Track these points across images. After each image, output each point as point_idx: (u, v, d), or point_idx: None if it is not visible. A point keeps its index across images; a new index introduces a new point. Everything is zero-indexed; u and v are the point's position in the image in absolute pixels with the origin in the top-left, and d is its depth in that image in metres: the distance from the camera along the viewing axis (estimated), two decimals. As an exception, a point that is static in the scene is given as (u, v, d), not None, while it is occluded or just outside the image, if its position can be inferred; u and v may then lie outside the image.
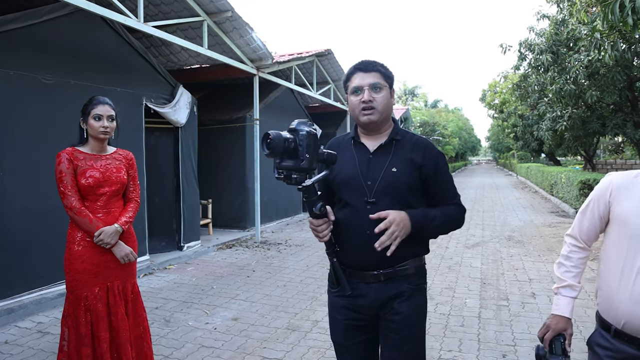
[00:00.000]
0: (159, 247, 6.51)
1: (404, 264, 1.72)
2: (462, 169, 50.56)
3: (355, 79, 1.73)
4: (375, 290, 1.72)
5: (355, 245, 1.70)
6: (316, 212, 1.59)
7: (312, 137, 1.49)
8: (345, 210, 1.75)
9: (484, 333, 3.69)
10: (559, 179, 13.18)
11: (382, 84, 1.72)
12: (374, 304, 1.72)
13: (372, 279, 1.71)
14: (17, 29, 4.26)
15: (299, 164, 1.48)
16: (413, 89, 51.42)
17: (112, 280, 2.50)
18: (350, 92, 1.76)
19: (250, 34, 6.66)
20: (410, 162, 1.71)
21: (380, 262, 1.68)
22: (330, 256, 1.71)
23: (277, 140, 1.42)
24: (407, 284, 1.72)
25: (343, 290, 1.71)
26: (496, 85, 25.36)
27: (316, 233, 1.66)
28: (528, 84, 14.31)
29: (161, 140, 6.53)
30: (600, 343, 1.53)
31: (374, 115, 1.71)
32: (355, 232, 1.70)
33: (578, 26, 8.86)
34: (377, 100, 1.70)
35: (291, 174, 1.49)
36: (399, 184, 1.69)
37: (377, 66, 1.75)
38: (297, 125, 1.51)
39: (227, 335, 3.71)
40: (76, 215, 2.40)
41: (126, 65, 5.55)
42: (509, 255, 6.53)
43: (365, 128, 1.77)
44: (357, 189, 1.72)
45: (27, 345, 3.51)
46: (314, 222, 1.65)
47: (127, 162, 2.66)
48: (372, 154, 1.76)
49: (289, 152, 1.46)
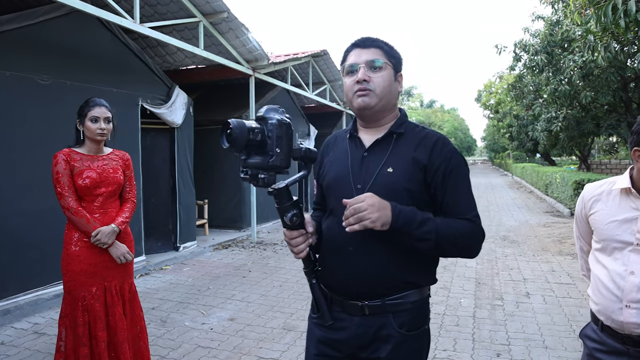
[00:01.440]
0: (155, 248, 6.51)
1: (398, 297, 1.35)
2: (458, 169, 50.56)
3: (351, 57, 1.42)
4: (357, 326, 1.37)
5: (338, 265, 1.38)
6: (287, 222, 1.31)
7: (284, 127, 1.21)
8: (329, 220, 1.45)
9: (478, 332, 3.72)
10: (554, 179, 13.26)
11: (383, 62, 1.39)
12: (352, 341, 1.38)
13: (355, 311, 1.37)
14: (13, 30, 4.26)
15: (268, 160, 1.20)
16: (409, 89, 51.61)
17: (109, 280, 2.52)
18: (345, 72, 1.43)
19: (246, 34, 6.68)
20: (412, 161, 1.36)
21: (365, 290, 1.35)
22: (308, 276, 1.41)
23: (240, 130, 1.14)
24: (397, 325, 1.35)
25: (323, 320, 1.42)
26: (491, 85, 25.50)
27: (291, 248, 1.37)
28: (523, 85, 14.41)
29: (157, 141, 6.54)
30: (590, 336, 1.64)
31: (370, 98, 1.37)
32: (336, 248, 1.38)
33: (572, 27, 8.94)
34: (375, 80, 1.37)
35: (258, 174, 1.20)
36: (395, 188, 1.34)
37: (378, 42, 1.43)
38: (266, 112, 1.23)
39: (223, 335, 3.73)
40: (73, 215, 2.41)
41: (122, 66, 5.55)
42: (504, 255, 6.58)
43: (361, 116, 1.45)
44: (344, 193, 1.36)
45: (24, 346, 3.51)
46: (287, 234, 1.35)
47: (123, 162, 2.68)
48: (366, 151, 1.42)
49: (256, 146, 1.19)
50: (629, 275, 1.48)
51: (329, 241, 1.43)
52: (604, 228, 1.57)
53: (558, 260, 6.10)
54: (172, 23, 5.80)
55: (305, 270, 1.41)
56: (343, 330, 1.40)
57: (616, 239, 1.53)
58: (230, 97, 9.28)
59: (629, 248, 1.50)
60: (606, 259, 1.57)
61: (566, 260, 6.12)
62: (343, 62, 1.47)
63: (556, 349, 3.36)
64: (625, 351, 1.49)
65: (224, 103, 9.15)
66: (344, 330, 1.39)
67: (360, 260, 1.35)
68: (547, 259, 6.20)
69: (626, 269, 1.49)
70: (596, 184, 1.67)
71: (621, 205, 1.54)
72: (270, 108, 1.24)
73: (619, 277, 1.50)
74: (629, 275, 1.48)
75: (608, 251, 1.56)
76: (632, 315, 1.45)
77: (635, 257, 1.48)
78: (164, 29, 6.11)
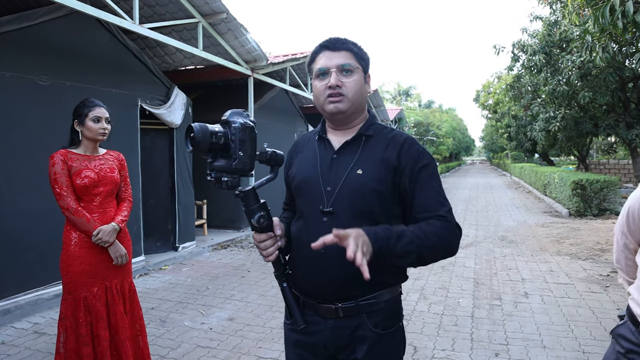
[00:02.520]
0: (154, 248, 6.52)
1: (371, 297, 1.35)
2: (456, 169, 50.79)
3: (321, 59, 1.39)
4: (332, 329, 1.36)
5: (309, 268, 1.37)
6: (254, 223, 1.30)
7: (247, 130, 1.22)
8: (299, 223, 1.44)
9: (476, 332, 3.74)
10: (552, 179, 13.29)
11: (354, 66, 1.38)
12: (329, 344, 1.37)
13: (329, 314, 1.36)
14: (13, 31, 4.27)
15: (231, 163, 1.22)
16: (407, 89, 51.63)
17: (110, 280, 2.53)
18: (314, 76, 1.40)
19: (245, 35, 6.69)
20: (382, 162, 1.35)
21: (337, 293, 1.34)
22: (278, 280, 1.40)
23: (203, 134, 1.17)
24: (372, 325, 1.35)
25: (295, 324, 1.40)
26: (490, 85, 25.52)
27: (260, 251, 1.35)
28: (521, 85, 14.44)
29: (156, 141, 6.55)
30: (626, 336, 1.56)
31: (343, 104, 1.36)
32: (307, 251, 1.31)
33: (571, 27, 8.97)
34: (347, 85, 1.36)
35: (221, 176, 1.23)
36: (364, 190, 1.33)
37: (347, 44, 1.40)
38: (230, 116, 1.24)
39: (222, 335, 3.74)
40: (73, 215, 2.42)
41: (121, 67, 5.56)
42: (502, 255, 6.60)
43: (332, 120, 1.43)
44: (313, 195, 1.38)
45: (24, 345, 3.52)
46: (255, 237, 1.34)
47: (118, 162, 2.70)
48: (335, 153, 1.41)
49: (220, 150, 1.22)
50: None
51: (299, 244, 1.40)
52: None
53: (556, 261, 6.12)
54: (171, 24, 5.81)
55: (276, 274, 1.40)
56: (317, 333, 1.39)
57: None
58: (229, 97, 9.30)
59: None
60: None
61: (564, 260, 6.15)
62: (311, 63, 1.43)
63: (554, 349, 3.38)
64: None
65: (222, 103, 9.16)
66: (318, 334, 1.38)
67: (332, 263, 1.32)
68: (546, 259, 6.22)
69: None
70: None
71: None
72: (234, 112, 1.26)
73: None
74: None
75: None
76: None
77: None
78: (163, 30, 6.11)
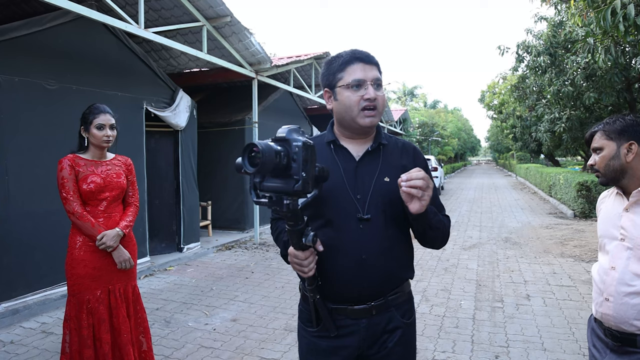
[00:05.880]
0: (159, 249, 6.59)
1: (396, 291, 1.47)
2: (462, 169, 50.62)
3: (356, 71, 1.41)
4: (366, 327, 1.43)
5: (346, 274, 1.40)
6: (308, 243, 1.27)
7: (309, 149, 1.14)
8: (328, 231, 1.41)
9: (477, 334, 3.77)
10: (558, 180, 13.25)
11: (381, 81, 1.46)
12: (362, 343, 1.44)
13: (362, 314, 1.42)
14: (21, 37, 4.35)
15: (292, 185, 1.12)
16: (412, 89, 51.49)
17: (113, 283, 2.57)
18: (346, 85, 1.40)
19: (248, 38, 6.75)
20: (402, 169, 1.40)
21: (376, 292, 1.42)
22: (312, 293, 1.38)
23: (268, 154, 1.07)
24: (399, 316, 1.47)
25: (327, 332, 1.43)
26: (495, 86, 25.44)
27: (300, 268, 1.33)
28: (526, 86, 14.39)
29: (161, 144, 6.62)
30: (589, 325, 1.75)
31: (376, 118, 1.42)
32: (344, 258, 1.38)
33: (575, 28, 8.94)
34: (379, 99, 1.42)
35: (282, 199, 1.14)
36: (392, 196, 1.39)
37: (375, 59, 1.47)
38: (288, 133, 1.15)
39: (226, 335, 3.79)
40: (78, 219, 2.47)
41: (127, 70, 5.63)
42: (505, 257, 6.61)
43: (359, 131, 1.46)
44: (345, 204, 1.41)
45: (32, 345, 3.59)
46: (299, 255, 1.30)
47: (126, 167, 2.74)
48: (358, 162, 1.46)
49: (279, 170, 1.12)
50: (611, 269, 1.58)
51: (333, 253, 1.39)
52: (601, 225, 1.69)
53: (560, 263, 6.13)
54: (176, 28, 5.87)
55: (310, 287, 1.37)
56: (352, 335, 1.43)
57: (607, 235, 1.64)
58: (233, 99, 9.36)
59: (615, 243, 1.59)
60: (600, 256, 1.67)
61: (568, 262, 6.15)
62: (338, 72, 1.43)
63: (555, 352, 3.40)
64: (607, 342, 1.60)
65: (227, 105, 9.23)
66: (352, 336, 1.43)
67: (374, 266, 1.40)
68: (549, 261, 6.22)
69: (610, 263, 1.59)
70: (607, 190, 1.78)
71: (615, 203, 1.65)
72: (291, 129, 1.17)
73: (603, 272, 1.61)
74: (611, 270, 1.58)
75: (602, 247, 1.66)
76: (609, 307, 1.55)
77: (618, 252, 1.57)
78: (167, 34, 6.18)
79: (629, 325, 1.50)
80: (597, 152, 1.65)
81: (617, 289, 1.53)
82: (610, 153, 1.60)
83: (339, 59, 1.44)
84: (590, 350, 1.70)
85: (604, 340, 1.61)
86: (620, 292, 1.52)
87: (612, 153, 1.59)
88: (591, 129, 1.71)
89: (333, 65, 1.45)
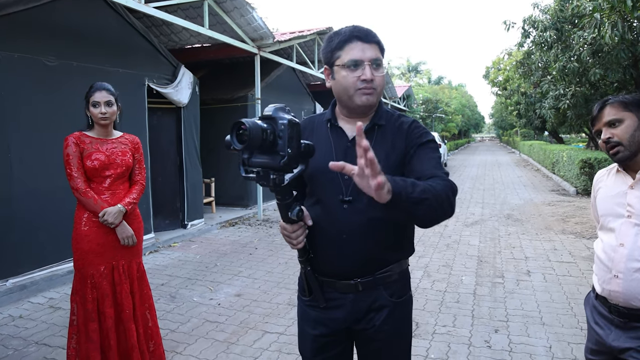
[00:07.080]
0: (164, 225, 6.65)
1: (386, 270, 1.47)
2: (465, 146, 50.41)
3: (353, 50, 1.39)
4: (352, 302, 1.47)
5: (330, 250, 1.45)
6: (293, 217, 1.35)
7: (295, 127, 1.19)
8: (317, 208, 1.48)
9: (478, 309, 3.82)
10: (561, 157, 13.20)
11: (381, 60, 1.43)
12: (349, 316, 1.48)
13: (349, 289, 1.47)
14: (19, 12, 4.29)
15: (279, 161, 1.18)
16: (417, 65, 50.89)
17: (117, 260, 2.61)
18: (342, 65, 1.39)
19: (251, 13, 6.65)
20: (393, 150, 1.43)
21: (358, 270, 1.45)
22: (304, 264, 1.48)
23: (254, 131, 1.12)
24: (388, 295, 1.47)
25: (317, 302, 1.51)
26: (500, 62, 25.07)
27: (289, 240, 1.41)
28: (531, 62, 14.17)
29: (164, 120, 6.60)
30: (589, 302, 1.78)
31: (374, 97, 1.40)
32: (329, 236, 1.44)
33: (583, 2, 8.76)
34: (378, 79, 1.40)
35: (269, 173, 1.20)
36: None
37: (376, 37, 1.43)
38: (274, 112, 1.21)
39: (230, 310, 3.86)
40: (82, 196, 2.50)
41: (128, 46, 5.57)
42: (507, 233, 6.65)
43: (356, 111, 1.45)
44: (331, 184, 1.43)
45: (40, 319, 3.68)
46: (287, 227, 1.39)
47: (132, 146, 2.75)
48: (350, 142, 1.45)
49: (265, 146, 1.18)
50: (619, 246, 1.57)
51: (320, 229, 1.45)
52: (602, 204, 1.68)
53: (560, 239, 6.17)
54: (177, 2, 5.78)
55: (301, 259, 1.47)
56: (338, 308, 1.48)
57: (610, 213, 1.63)
58: (236, 75, 9.28)
59: (621, 221, 1.59)
60: (603, 234, 1.67)
61: (569, 239, 6.19)
62: (337, 50, 1.41)
63: (553, 326, 3.46)
64: (611, 319, 1.61)
65: (229, 82, 9.15)
66: (339, 309, 1.48)
67: (353, 246, 1.42)
68: (550, 238, 6.26)
69: (617, 241, 1.58)
70: (603, 170, 1.77)
71: (616, 182, 1.65)
72: (277, 107, 1.22)
73: (610, 249, 1.60)
74: (619, 247, 1.57)
75: (604, 226, 1.66)
76: (619, 284, 1.55)
77: (626, 229, 1.57)
78: (168, 8, 6.09)
79: (639, 300, 1.51)
80: (614, 125, 1.56)
81: (627, 265, 1.53)
82: (634, 123, 1.53)
83: (338, 36, 1.42)
84: (592, 327, 1.70)
85: (608, 317, 1.62)
86: (630, 269, 1.52)
87: (636, 124, 1.53)
88: (599, 103, 1.63)
89: (332, 43, 1.44)
